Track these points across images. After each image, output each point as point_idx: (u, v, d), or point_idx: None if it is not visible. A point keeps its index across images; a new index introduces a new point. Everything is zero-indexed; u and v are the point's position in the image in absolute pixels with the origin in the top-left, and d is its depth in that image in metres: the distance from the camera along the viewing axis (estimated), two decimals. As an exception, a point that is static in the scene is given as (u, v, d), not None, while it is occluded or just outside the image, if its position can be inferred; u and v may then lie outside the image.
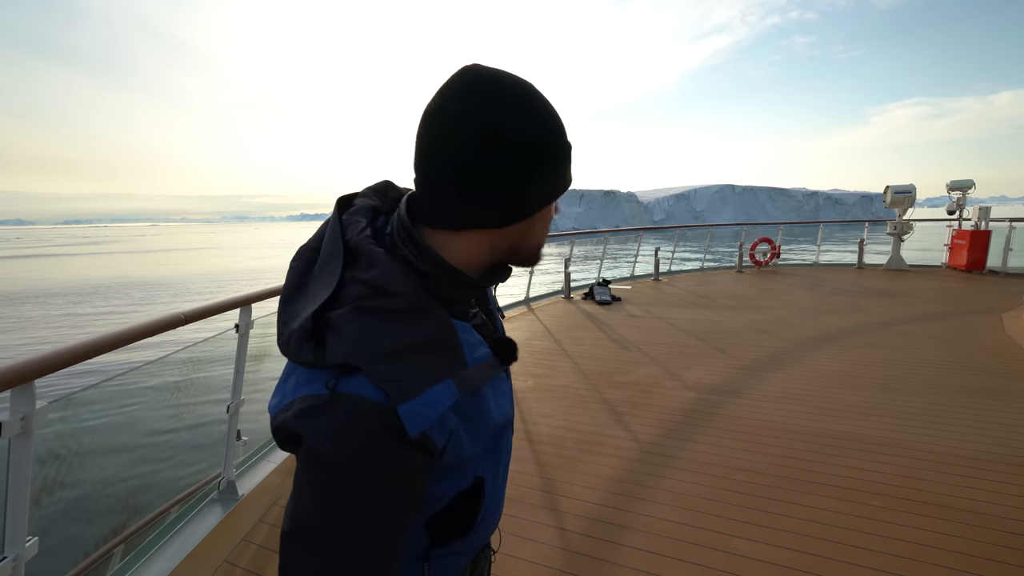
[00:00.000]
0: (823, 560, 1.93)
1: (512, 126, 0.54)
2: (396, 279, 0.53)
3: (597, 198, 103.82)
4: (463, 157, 0.54)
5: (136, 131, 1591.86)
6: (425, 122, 0.56)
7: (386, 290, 0.53)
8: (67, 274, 31.53)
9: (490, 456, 0.64)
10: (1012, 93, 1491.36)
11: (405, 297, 0.53)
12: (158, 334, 1.84)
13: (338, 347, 0.51)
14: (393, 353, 0.51)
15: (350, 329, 0.51)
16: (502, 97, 0.55)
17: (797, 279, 8.98)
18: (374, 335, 0.51)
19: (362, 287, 0.53)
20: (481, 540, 0.71)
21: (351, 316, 0.52)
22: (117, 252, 59.27)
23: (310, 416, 0.50)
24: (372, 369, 0.50)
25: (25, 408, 1.35)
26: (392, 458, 0.50)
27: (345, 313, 0.52)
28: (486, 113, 0.54)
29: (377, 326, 0.52)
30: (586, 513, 2.28)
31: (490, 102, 0.54)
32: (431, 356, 0.54)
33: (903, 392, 3.60)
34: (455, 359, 0.56)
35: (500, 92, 0.55)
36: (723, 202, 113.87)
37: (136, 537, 2.17)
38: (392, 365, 0.51)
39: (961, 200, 9.65)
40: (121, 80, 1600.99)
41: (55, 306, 18.33)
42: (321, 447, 0.49)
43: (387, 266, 0.54)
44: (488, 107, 0.54)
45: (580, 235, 9.21)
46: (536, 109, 0.56)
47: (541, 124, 0.56)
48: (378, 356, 0.50)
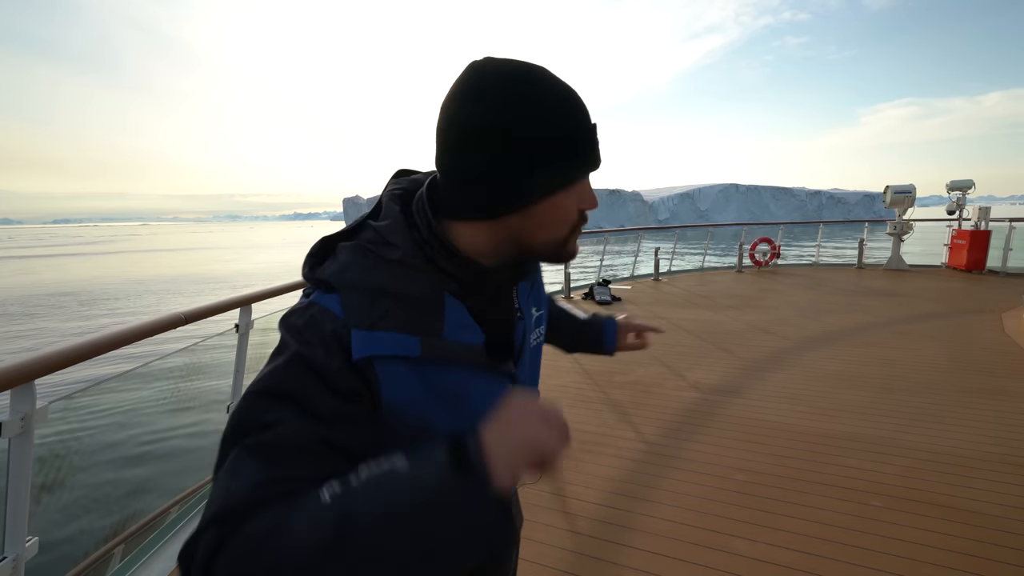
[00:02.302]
0: (823, 560, 1.93)
1: (483, 118, 0.55)
2: (400, 234, 0.59)
3: (602, 197, 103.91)
4: (451, 149, 0.58)
5: (125, 129, 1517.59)
6: (439, 113, 0.60)
7: (388, 240, 0.58)
8: (78, 274, 31.22)
9: None
10: (1000, 94, 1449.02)
11: (401, 251, 0.58)
12: (158, 334, 1.84)
13: (328, 267, 0.59)
14: (371, 290, 0.56)
15: (344, 258, 0.58)
16: (489, 90, 0.56)
17: (797, 279, 8.97)
18: (362, 270, 0.57)
19: (371, 232, 0.60)
20: None
21: (351, 249, 0.59)
22: (120, 252, 58.97)
23: (288, 315, 0.57)
24: (347, 294, 0.56)
25: (25, 408, 1.35)
26: (332, 361, 0.53)
27: (348, 246, 0.60)
28: (469, 106, 0.56)
29: (368, 264, 0.57)
30: (586, 513, 2.28)
31: (472, 94, 0.56)
32: (406, 310, 0.56)
33: (903, 392, 3.60)
34: (430, 323, 0.57)
35: (488, 85, 0.56)
36: (727, 201, 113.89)
37: (136, 537, 2.16)
38: (366, 298, 0.56)
39: (961, 200, 9.65)
40: (110, 78, 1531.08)
41: (75, 311, 17.81)
42: (285, 337, 0.55)
43: (396, 221, 0.60)
44: (470, 100, 0.56)
45: (580, 235, 9.21)
46: (532, 102, 0.55)
47: (528, 116, 0.55)
48: (357, 286, 0.56)
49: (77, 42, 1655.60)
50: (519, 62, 0.58)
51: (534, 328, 0.74)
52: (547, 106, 0.56)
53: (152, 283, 25.86)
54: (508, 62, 0.57)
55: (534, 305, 0.75)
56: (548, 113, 0.56)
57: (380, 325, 0.54)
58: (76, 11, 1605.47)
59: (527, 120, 0.55)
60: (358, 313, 0.55)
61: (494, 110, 0.55)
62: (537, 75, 0.57)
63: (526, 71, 0.57)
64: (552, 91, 0.57)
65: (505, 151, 0.55)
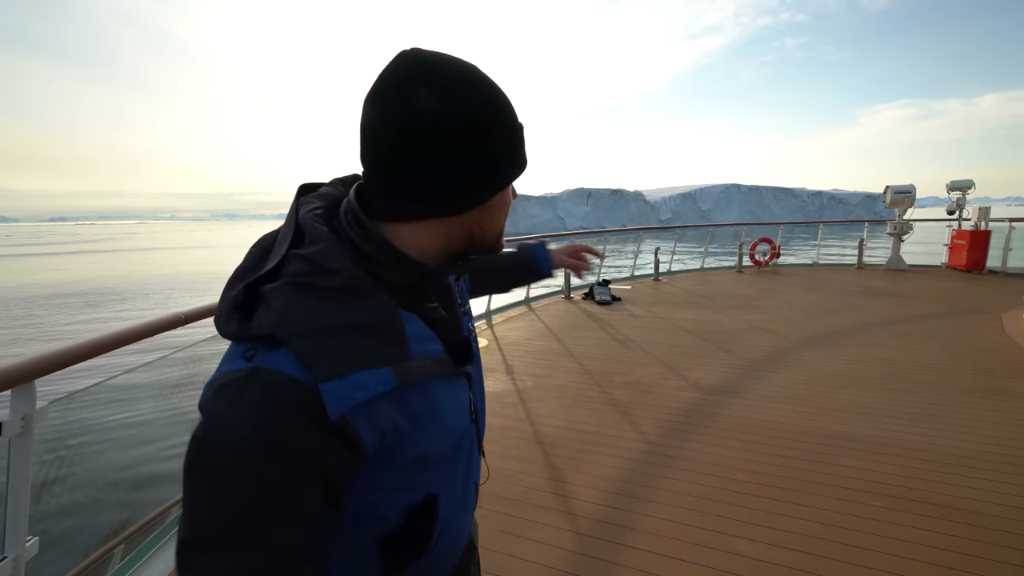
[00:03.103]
0: (823, 560, 1.93)
1: (451, 113, 0.52)
2: (336, 257, 0.51)
3: (605, 197, 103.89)
4: (404, 147, 0.52)
5: (120, 127, 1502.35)
6: (364, 110, 0.54)
7: (324, 267, 0.50)
8: (83, 273, 31.01)
9: (444, 469, 0.60)
10: (996, 96, 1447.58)
11: (343, 275, 0.50)
12: (158, 334, 1.84)
13: (264, 318, 0.48)
14: (324, 331, 0.48)
15: (279, 302, 0.49)
16: (442, 84, 0.52)
17: (797, 279, 8.97)
18: (305, 310, 0.48)
19: (301, 262, 0.51)
20: (442, 566, 0.66)
21: (283, 289, 0.49)
22: (123, 250, 58.75)
23: (219, 397, 0.46)
24: (298, 343, 0.46)
25: (25, 408, 1.34)
26: (305, 441, 0.45)
27: (278, 286, 0.50)
28: (425, 101, 0.51)
29: (310, 302, 0.49)
30: (586, 513, 2.28)
31: (427, 89, 0.52)
32: (367, 340, 0.50)
33: (903, 392, 3.60)
34: (396, 347, 0.52)
35: (438, 78, 0.52)
36: (729, 201, 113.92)
37: (136, 537, 2.16)
38: (321, 342, 0.47)
39: (961, 200, 9.65)
40: (105, 75, 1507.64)
41: (82, 311, 17.58)
42: (227, 424, 0.44)
43: (328, 243, 0.52)
44: (427, 95, 0.52)
45: (580, 235, 9.21)
46: (479, 93, 0.55)
47: (485, 108, 0.55)
48: (306, 331, 0.47)
49: (71, 38, 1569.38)
50: (456, 57, 0.56)
51: (470, 321, 0.75)
52: (502, 98, 0.57)
53: (162, 282, 25.65)
54: (443, 55, 0.55)
55: (464, 296, 0.76)
56: (507, 105, 0.58)
57: (347, 368, 0.47)
58: (71, 7, 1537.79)
59: (496, 113, 0.56)
60: (321, 364, 0.46)
61: (465, 102, 0.53)
62: (479, 70, 0.57)
63: (469, 64, 0.57)
64: (495, 84, 0.58)
65: (485, 144, 0.55)
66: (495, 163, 0.57)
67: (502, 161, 0.57)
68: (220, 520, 0.43)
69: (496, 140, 0.56)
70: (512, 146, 0.58)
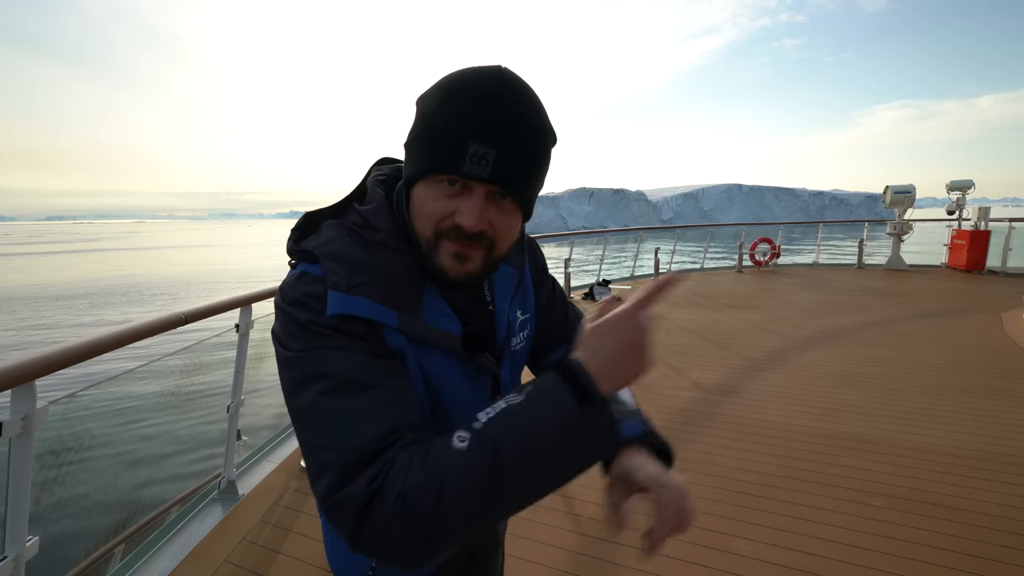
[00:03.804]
0: (823, 560, 1.93)
1: (423, 96, 0.59)
2: (383, 217, 0.62)
3: (607, 197, 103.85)
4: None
5: (114, 125, 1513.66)
6: None
7: (371, 223, 0.61)
8: (97, 272, 30.69)
9: None
10: (993, 97, 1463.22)
11: (383, 232, 0.61)
12: (158, 334, 1.84)
13: (312, 240, 0.61)
14: (352, 262, 0.57)
15: (328, 232, 0.61)
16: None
17: (797, 279, 8.97)
18: (345, 245, 0.59)
19: (356, 215, 0.62)
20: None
21: (335, 227, 0.61)
22: (126, 249, 58.37)
23: (285, 289, 0.59)
24: (327, 263, 0.57)
25: (25, 408, 1.35)
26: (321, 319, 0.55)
27: (333, 223, 0.62)
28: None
29: (352, 243, 0.59)
30: (585, 512, 2.28)
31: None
32: (385, 284, 0.58)
33: (903, 392, 3.60)
34: (407, 301, 0.59)
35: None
36: (730, 201, 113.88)
37: (137, 537, 2.17)
38: (345, 267, 0.57)
39: (961, 200, 9.65)
40: (98, 72, 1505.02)
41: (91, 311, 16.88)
42: (291, 312, 0.57)
43: (380, 205, 0.63)
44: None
45: (580, 235, 9.21)
46: (432, 87, 0.58)
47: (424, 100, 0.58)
48: (339, 258, 0.58)
49: (64, 34, 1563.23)
50: (478, 65, 0.58)
51: (518, 332, 0.73)
52: (441, 93, 0.56)
53: (173, 282, 25.16)
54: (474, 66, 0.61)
55: (519, 308, 0.73)
56: (437, 99, 0.56)
57: (357, 291, 0.56)
58: (64, 3, 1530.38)
59: (425, 102, 0.58)
60: (336, 278, 0.56)
61: (430, 89, 0.58)
62: (465, 72, 0.57)
63: (466, 69, 0.58)
64: (455, 84, 0.56)
65: (412, 126, 0.59)
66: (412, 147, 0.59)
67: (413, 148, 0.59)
68: (301, 348, 0.55)
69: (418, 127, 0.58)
70: (415, 136, 0.58)
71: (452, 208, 0.56)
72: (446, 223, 0.57)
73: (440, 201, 0.57)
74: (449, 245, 0.57)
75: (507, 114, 0.54)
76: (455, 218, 0.56)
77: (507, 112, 0.54)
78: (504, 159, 0.54)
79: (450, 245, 0.57)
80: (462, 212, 0.56)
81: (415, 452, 0.48)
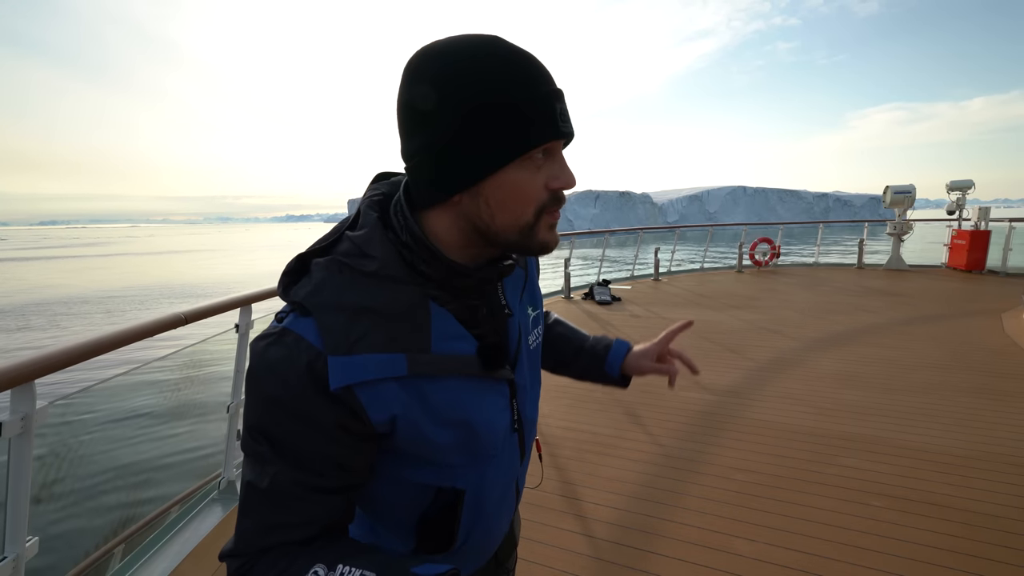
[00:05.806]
0: (823, 560, 1.93)
1: (420, 94, 0.52)
2: (377, 243, 0.55)
3: (613, 199, 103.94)
4: (403, 134, 0.56)
5: (107, 129, 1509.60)
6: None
7: (364, 251, 0.54)
8: (103, 277, 30.21)
9: (473, 468, 0.62)
10: (984, 99, 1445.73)
11: (379, 261, 0.54)
12: (158, 334, 1.84)
13: (302, 288, 0.54)
14: (348, 309, 0.52)
15: (318, 275, 0.54)
16: (422, 67, 0.52)
17: (797, 279, 8.98)
18: (337, 287, 0.53)
19: (347, 244, 0.55)
20: (472, 562, 0.69)
21: (325, 265, 0.54)
22: (126, 254, 57.72)
23: (260, 339, 0.54)
24: (322, 317, 0.52)
25: (25, 408, 1.35)
26: (308, 400, 0.51)
27: (323, 262, 0.55)
28: (406, 86, 0.54)
29: (344, 281, 0.53)
30: (586, 513, 2.28)
31: (408, 75, 0.53)
32: (388, 326, 0.53)
33: (903, 392, 3.60)
34: (415, 337, 0.54)
35: (421, 62, 0.53)
36: (735, 203, 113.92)
37: (136, 537, 2.16)
38: (342, 319, 0.52)
39: (960, 200, 9.66)
40: (93, 74, 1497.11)
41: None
42: (256, 369, 0.52)
43: (373, 230, 0.55)
44: (408, 80, 0.53)
45: (580, 235, 9.22)
46: (466, 69, 0.51)
47: (453, 86, 0.51)
48: (332, 307, 0.52)
49: (58, 37, 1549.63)
50: (461, 36, 0.53)
51: (531, 329, 0.71)
52: (481, 71, 0.51)
53: (179, 287, 24.70)
54: (449, 37, 0.53)
55: (529, 304, 0.71)
56: (483, 77, 0.50)
57: (359, 348, 0.51)
58: (58, 7, 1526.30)
59: (460, 87, 0.50)
60: (335, 337, 0.51)
61: (428, 82, 0.51)
62: (476, 43, 0.52)
63: (465, 41, 0.52)
64: (490, 57, 0.51)
65: (443, 121, 0.51)
66: (461, 141, 0.52)
67: (473, 139, 0.51)
68: (249, 423, 0.54)
69: (462, 116, 0.51)
70: (491, 123, 0.51)
71: (542, 180, 0.54)
72: (543, 196, 0.54)
73: (536, 176, 0.53)
74: (548, 218, 0.56)
75: (543, 66, 0.54)
76: (551, 185, 0.54)
77: (541, 64, 0.54)
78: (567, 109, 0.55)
79: (549, 218, 0.56)
80: (558, 176, 0.54)
81: (279, 561, 0.53)
